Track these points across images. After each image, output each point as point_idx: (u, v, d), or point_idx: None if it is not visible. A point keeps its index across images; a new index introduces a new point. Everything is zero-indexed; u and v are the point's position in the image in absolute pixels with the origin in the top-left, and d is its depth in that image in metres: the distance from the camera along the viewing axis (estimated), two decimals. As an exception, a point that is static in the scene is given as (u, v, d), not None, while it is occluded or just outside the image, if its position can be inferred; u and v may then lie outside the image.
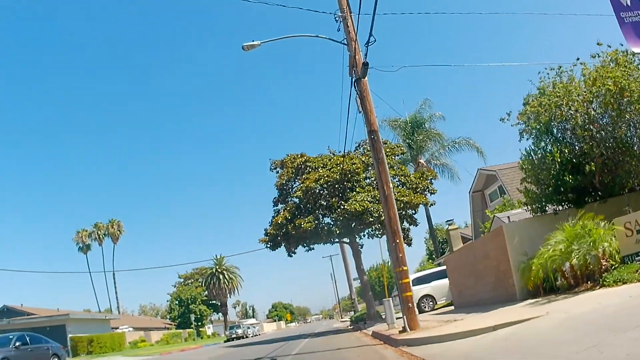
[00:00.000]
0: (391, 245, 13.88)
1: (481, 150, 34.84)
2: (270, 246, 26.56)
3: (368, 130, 14.43)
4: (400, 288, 13.74)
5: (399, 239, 13.74)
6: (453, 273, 19.50)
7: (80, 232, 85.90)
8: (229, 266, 74.65)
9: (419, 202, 24.77)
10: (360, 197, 24.22)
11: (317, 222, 24.67)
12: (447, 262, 20.29)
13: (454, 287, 19.68)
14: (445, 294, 23.20)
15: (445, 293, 23.20)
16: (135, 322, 64.25)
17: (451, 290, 20.30)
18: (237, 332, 49.75)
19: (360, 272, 27.63)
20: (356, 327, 27.34)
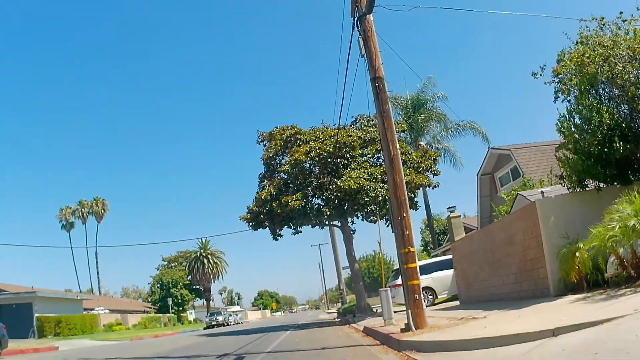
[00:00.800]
0: (395, 219, 10.86)
1: (486, 135, 31.97)
2: (253, 225, 23.47)
3: (372, 77, 11.43)
4: (404, 275, 10.74)
5: (406, 211, 10.77)
6: (461, 262, 16.52)
7: (64, 209, 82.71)
8: (214, 250, 71.69)
9: (421, 183, 21.75)
10: (355, 174, 21.17)
11: (305, 200, 21.59)
12: (454, 250, 17.31)
13: (461, 278, 16.72)
14: (448, 287, 20.26)
15: (448, 286, 20.26)
16: (114, 304, 61.12)
17: (456, 283, 17.33)
18: (217, 319, 46.78)
19: (351, 259, 24.63)
20: (344, 320, 24.37)
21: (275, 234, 25.47)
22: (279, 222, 22.61)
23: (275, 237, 25.67)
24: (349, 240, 24.90)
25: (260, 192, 22.84)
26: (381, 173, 21.58)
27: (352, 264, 24.72)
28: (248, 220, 23.30)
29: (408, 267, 10.58)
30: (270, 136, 25.15)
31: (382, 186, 21.01)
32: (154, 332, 41.58)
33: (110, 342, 29.38)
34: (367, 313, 23.37)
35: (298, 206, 20.90)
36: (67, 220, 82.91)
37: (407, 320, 10.53)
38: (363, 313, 23.32)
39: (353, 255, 24.79)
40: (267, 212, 22.49)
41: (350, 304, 28.46)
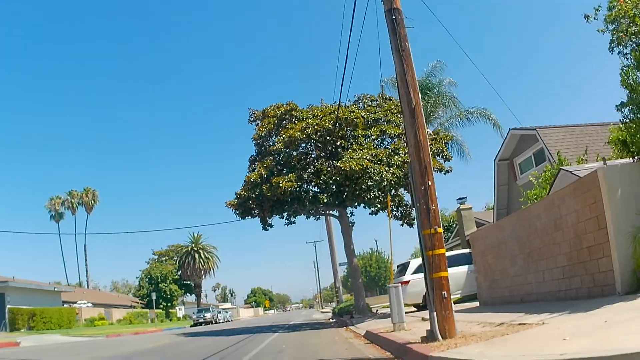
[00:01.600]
0: (418, 189, 8.06)
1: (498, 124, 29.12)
2: (240, 213, 20.59)
3: (387, 10, 8.72)
4: (429, 264, 7.92)
5: (431, 179, 8.03)
6: (484, 256, 13.68)
7: (53, 199, 79.62)
8: (206, 245, 68.69)
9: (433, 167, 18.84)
10: (357, 154, 18.30)
11: (299, 183, 18.70)
12: (475, 241, 14.46)
13: (482, 275, 13.88)
14: (461, 286, 17.43)
15: (461, 285, 17.43)
16: (99, 298, 58.10)
17: (476, 281, 14.48)
18: (204, 317, 43.85)
19: (350, 252, 21.75)
20: (340, 321, 21.51)
21: (265, 223, 22.61)
22: (269, 208, 19.74)
23: (265, 226, 22.84)
24: (348, 232, 22.04)
25: (249, 174, 19.96)
26: (387, 155, 18.73)
27: (350, 259, 21.85)
28: (235, 207, 20.43)
29: (434, 253, 7.76)
30: (263, 114, 22.25)
31: (387, 169, 18.17)
32: (136, 329, 38.69)
33: (82, 339, 26.50)
34: (366, 314, 20.56)
35: (291, 188, 18.03)
36: (56, 210, 79.84)
37: (430, 326, 7.71)
38: (362, 314, 20.50)
39: (352, 248, 21.92)
40: (257, 196, 19.62)
41: (347, 303, 25.62)
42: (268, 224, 22.97)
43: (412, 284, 16.79)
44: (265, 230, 23.11)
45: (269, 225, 23.00)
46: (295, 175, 18.60)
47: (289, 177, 18.44)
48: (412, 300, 17.09)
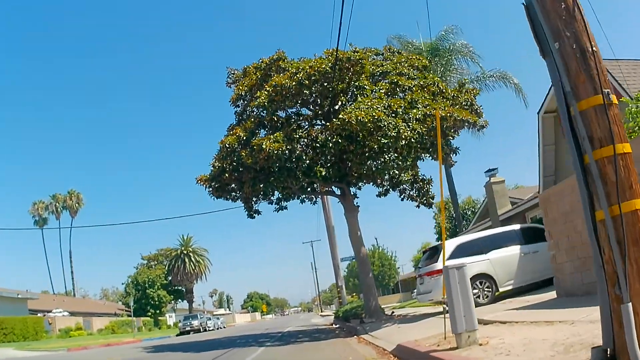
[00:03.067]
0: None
1: (520, 88, 24.51)
2: (214, 190, 15.73)
3: None
4: (601, 180, 2.98)
5: None
6: (565, 226, 8.87)
7: (36, 204, 74.50)
8: (196, 248, 63.70)
9: (464, 119, 14.03)
10: (365, 104, 13.52)
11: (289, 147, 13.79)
12: (549, 203, 9.65)
13: (564, 254, 9.05)
14: (513, 273, 12.53)
15: (513, 272, 12.53)
16: (80, 306, 53.00)
17: (554, 261, 9.64)
18: (192, 325, 38.86)
19: (356, 240, 16.90)
20: (346, 327, 16.70)
21: (249, 209, 17.86)
22: (250, 182, 14.83)
23: (250, 213, 18.10)
24: (353, 214, 17.24)
25: (225, 137, 15.11)
26: (404, 107, 13.91)
27: (357, 247, 16.97)
28: (207, 183, 15.57)
29: (619, 152, 2.92)
30: (244, 73, 17.45)
31: (405, 126, 13.36)
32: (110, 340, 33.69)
33: (36, 353, 21.64)
34: (380, 317, 15.75)
35: (277, 151, 13.18)
36: (40, 215, 74.79)
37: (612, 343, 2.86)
38: (374, 317, 15.69)
39: (359, 235, 17.09)
40: (234, 167, 14.81)
41: (353, 304, 20.71)
42: (254, 211, 18.22)
43: (449, 273, 11.97)
44: (251, 217, 18.38)
45: (255, 212, 18.26)
46: (282, 135, 13.78)
47: (275, 136, 13.62)
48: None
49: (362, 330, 12.92)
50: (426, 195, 18.71)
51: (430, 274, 12.18)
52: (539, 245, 12.63)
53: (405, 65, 16.25)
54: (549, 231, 9.63)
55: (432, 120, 13.63)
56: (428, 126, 13.69)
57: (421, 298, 13.05)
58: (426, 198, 18.82)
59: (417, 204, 19.06)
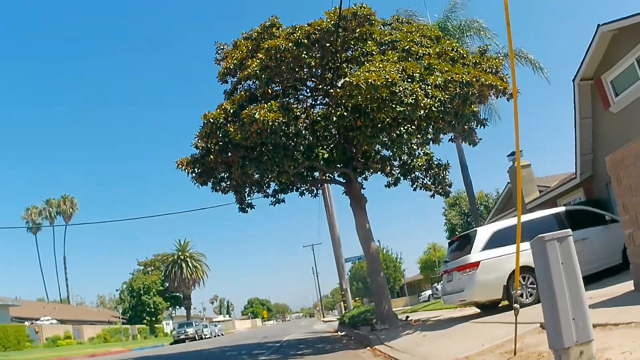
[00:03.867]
0: None
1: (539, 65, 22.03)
2: (198, 175, 13.28)
3: None
4: None
5: None
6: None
7: (30, 209, 72.10)
8: (194, 253, 61.13)
9: (492, 84, 11.53)
10: (376, 67, 11.10)
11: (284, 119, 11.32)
12: (618, 167, 7.20)
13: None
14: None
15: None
16: (71, 313, 50.46)
17: (629, 243, 7.20)
18: (186, 332, 36.32)
19: (365, 235, 14.40)
20: (355, 335, 14.20)
21: (242, 202, 15.57)
22: (239, 163, 12.36)
23: (242, 206, 15.85)
24: (360, 205, 14.80)
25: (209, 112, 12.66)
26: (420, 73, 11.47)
27: (366, 243, 14.49)
28: (190, 166, 13.12)
29: None
30: (235, 46, 15.06)
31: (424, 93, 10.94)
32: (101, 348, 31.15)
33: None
34: (394, 323, 13.28)
35: (272, 122, 10.73)
36: (33, 221, 72.35)
37: None
38: (387, 323, 13.22)
39: (367, 228, 14.63)
40: (222, 146, 12.41)
41: (360, 309, 18.18)
42: (246, 204, 15.89)
43: (485, 267, 9.50)
44: (244, 211, 16.09)
45: (247, 205, 15.95)
46: (278, 104, 11.35)
47: (269, 105, 11.18)
48: (483, 295, 9.75)
49: (376, 340, 10.46)
50: (442, 182, 16.33)
51: (462, 269, 9.71)
52: (589, 232, 10.35)
53: (417, 35, 13.86)
54: (622, 203, 7.20)
55: (455, 86, 11.24)
56: (451, 93, 11.26)
57: (448, 299, 10.58)
58: (442, 186, 16.44)
59: (431, 194, 16.73)
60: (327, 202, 22.77)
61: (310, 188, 17.65)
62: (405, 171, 16.44)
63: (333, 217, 22.73)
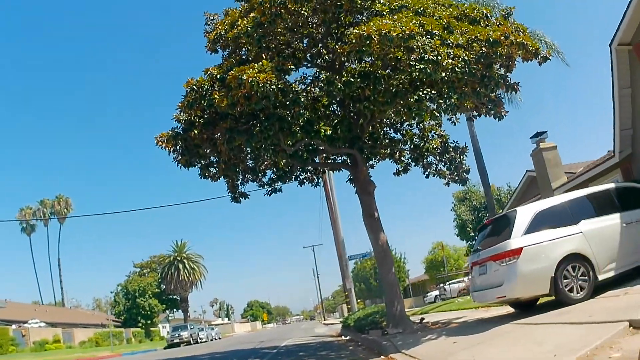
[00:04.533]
0: None
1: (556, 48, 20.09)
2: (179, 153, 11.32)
3: None
4: None
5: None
6: None
7: (24, 210, 70.27)
8: (191, 254, 59.24)
9: (524, 43, 9.63)
10: (390, 19, 9.23)
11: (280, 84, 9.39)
12: None
13: None
14: (615, 252, 8.05)
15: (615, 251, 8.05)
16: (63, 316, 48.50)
17: None
18: (180, 336, 34.36)
19: (374, 225, 12.46)
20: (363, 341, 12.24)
21: (233, 190, 13.86)
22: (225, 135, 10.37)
23: (234, 196, 14.10)
24: (368, 190, 12.91)
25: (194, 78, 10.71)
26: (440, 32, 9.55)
27: (375, 235, 12.56)
28: (171, 144, 11.18)
29: None
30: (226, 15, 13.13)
31: (446, 52, 9.05)
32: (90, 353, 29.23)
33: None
34: (408, 326, 11.38)
35: (264, 84, 8.82)
36: (27, 222, 70.53)
37: None
38: (400, 326, 11.30)
39: (376, 217, 12.73)
40: (207, 119, 10.52)
41: (367, 310, 16.20)
42: (239, 193, 14.16)
43: (529, 254, 7.57)
44: (236, 201, 14.34)
45: (240, 194, 14.20)
46: (272, 65, 9.44)
47: (259, 65, 9.26)
48: (527, 290, 7.76)
49: (392, 347, 8.53)
50: (459, 168, 14.48)
51: (499, 257, 7.78)
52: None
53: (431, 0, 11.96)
54: None
55: (480, 45, 9.38)
56: (475, 52, 9.39)
57: (481, 296, 8.64)
58: (459, 172, 14.61)
59: (446, 181, 14.94)
60: (329, 194, 20.87)
61: (310, 177, 15.83)
62: (417, 155, 14.60)
63: (335, 210, 20.79)
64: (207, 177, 13.27)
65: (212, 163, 12.78)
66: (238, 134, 9.79)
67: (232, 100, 9.21)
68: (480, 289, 8.48)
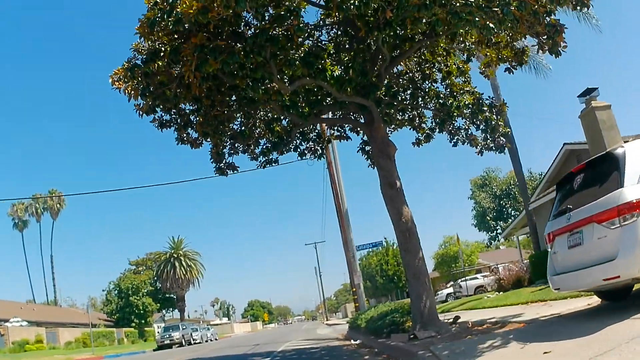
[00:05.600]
0: None
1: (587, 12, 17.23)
2: (140, 94, 8.44)
3: None
4: None
5: None
6: None
7: (16, 206, 67.61)
8: (188, 251, 56.51)
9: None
10: None
11: None
12: None
13: None
14: None
15: None
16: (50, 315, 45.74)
17: None
18: (172, 337, 31.51)
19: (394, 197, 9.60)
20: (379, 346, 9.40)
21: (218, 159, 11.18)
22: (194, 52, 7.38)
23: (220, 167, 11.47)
24: (386, 154, 10.05)
25: None
26: None
27: (396, 209, 9.66)
28: (129, 82, 8.26)
29: None
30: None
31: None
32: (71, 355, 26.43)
33: None
34: (443, 328, 8.53)
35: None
36: (19, 218, 67.91)
37: None
38: (430, 327, 8.44)
39: (398, 187, 9.85)
40: (175, 45, 7.64)
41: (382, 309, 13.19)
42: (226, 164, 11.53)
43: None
44: (222, 173, 11.80)
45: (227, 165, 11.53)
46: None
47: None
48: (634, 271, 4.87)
49: (431, 357, 5.66)
50: (496, 131, 11.67)
51: (608, 217, 4.91)
52: None
53: None
54: None
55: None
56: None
57: (570, 280, 5.65)
58: (494, 138, 11.83)
59: (479, 149, 12.18)
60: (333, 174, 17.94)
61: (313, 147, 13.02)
62: (444, 118, 11.77)
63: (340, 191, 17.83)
64: (185, 142, 10.54)
65: (190, 122, 10.05)
66: (212, 53, 6.87)
67: (206, 8, 6.35)
68: (571, 269, 5.54)
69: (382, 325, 10.48)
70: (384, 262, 37.79)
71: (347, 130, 13.05)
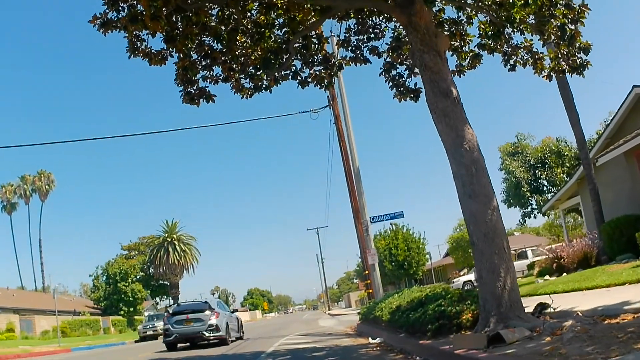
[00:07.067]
0: None
1: None
2: None
3: None
4: None
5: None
6: None
7: (4, 187, 63.99)
8: (182, 235, 52.85)
9: None
10: None
11: None
12: None
13: None
14: None
15: None
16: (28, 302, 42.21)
17: None
18: (155, 327, 27.87)
19: (448, 109, 5.92)
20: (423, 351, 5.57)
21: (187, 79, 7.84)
22: None
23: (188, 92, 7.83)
24: (433, 48, 6.26)
25: None
26: None
27: (451, 127, 5.95)
28: None
29: None
30: None
31: None
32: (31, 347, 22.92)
33: None
34: (533, 322, 4.71)
35: None
36: (8, 200, 64.28)
37: None
38: (509, 320, 4.68)
39: (454, 96, 6.08)
40: None
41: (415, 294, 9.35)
42: (197, 89, 7.70)
43: None
44: (192, 102, 8.06)
45: (199, 91, 7.77)
46: None
47: None
48: None
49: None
50: (572, 43, 8.00)
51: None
52: None
53: None
54: None
55: None
56: None
57: None
58: (570, 55, 8.22)
59: (547, 72, 8.55)
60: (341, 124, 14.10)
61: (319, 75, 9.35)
62: (499, 29, 8.11)
63: (350, 140, 13.90)
64: (138, 52, 7.10)
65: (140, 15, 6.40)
66: None
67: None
68: None
69: (422, 318, 6.75)
70: (392, 246, 33.91)
71: (365, 52, 9.37)
